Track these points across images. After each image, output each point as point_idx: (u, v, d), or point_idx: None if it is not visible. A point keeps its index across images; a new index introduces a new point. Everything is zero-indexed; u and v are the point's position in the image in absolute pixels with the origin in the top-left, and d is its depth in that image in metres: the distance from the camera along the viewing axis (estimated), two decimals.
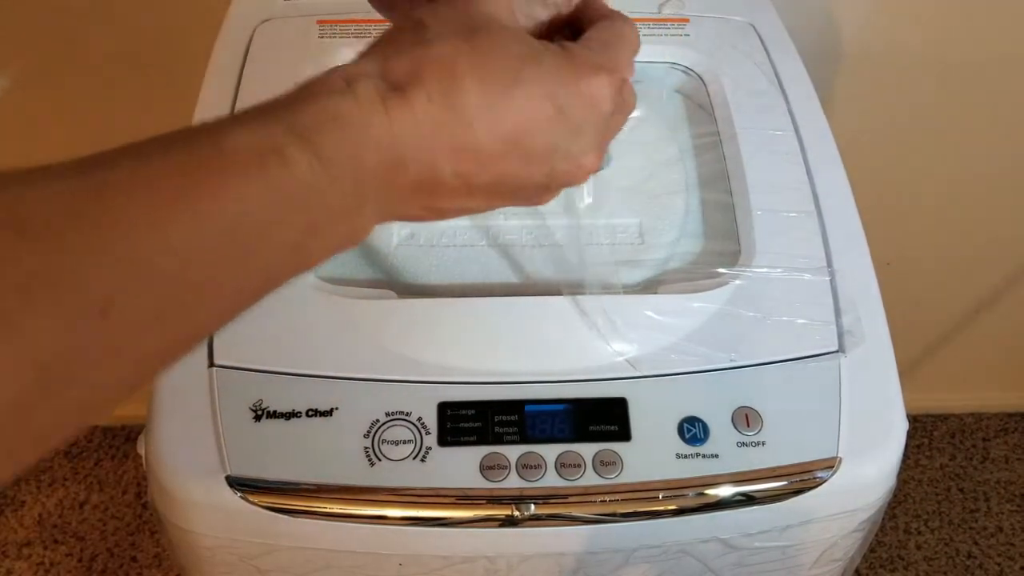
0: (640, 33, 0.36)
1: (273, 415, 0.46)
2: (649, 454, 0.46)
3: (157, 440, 0.46)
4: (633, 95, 0.34)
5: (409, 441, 0.46)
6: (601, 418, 0.47)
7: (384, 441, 0.46)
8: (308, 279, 0.52)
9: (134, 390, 0.25)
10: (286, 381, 0.47)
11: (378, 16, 0.38)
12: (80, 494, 1.25)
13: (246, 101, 0.60)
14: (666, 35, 0.64)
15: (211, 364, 0.48)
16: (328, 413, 0.46)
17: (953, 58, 0.86)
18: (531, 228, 0.54)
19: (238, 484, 0.45)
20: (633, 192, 0.55)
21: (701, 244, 0.55)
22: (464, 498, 0.45)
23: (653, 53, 0.64)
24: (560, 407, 0.47)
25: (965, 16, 0.83)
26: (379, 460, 0.45)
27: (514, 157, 0.31)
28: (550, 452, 0.46)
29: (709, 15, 0.65)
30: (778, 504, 0.47)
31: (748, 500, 0.47)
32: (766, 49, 0.65)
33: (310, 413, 0.46)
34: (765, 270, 0.53)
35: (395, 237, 0.53)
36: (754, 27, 0.66)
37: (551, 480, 0.45)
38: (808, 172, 0.57)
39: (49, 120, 0.91)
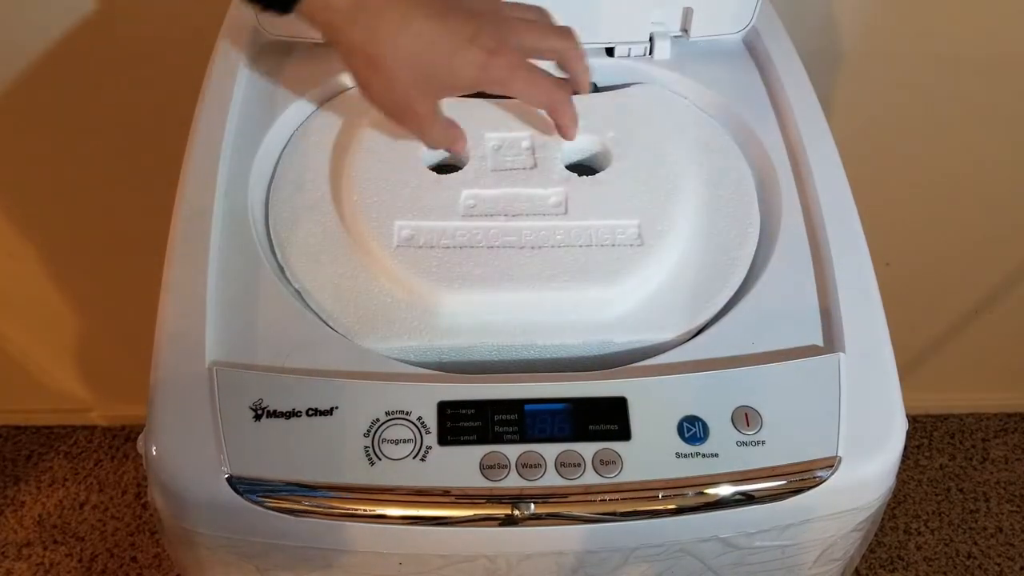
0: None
1: (273, 414, 0.46)
2: (649, 453, 0.46)
3: (157, 440, 0.46)
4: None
5: (409, 440, 0.46)
6: (601, 417, 0.47)
7: (384, 440, 0.46)
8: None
9: None
10: (286, 380, 0.47)
11: None
12: (80, 494, 1.25)
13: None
14: None
15: (211, 363, 0.48)
16: (328, 412, 0.46)
17: (953, 57, 0.86)
18: (532, 230, 0.54)
19: (238, 483, 0.45)
20: (633, 193, 0.55)
21: (701, 245, 0.55)
22: (464, 497, 0.45)
23: None
24: (560, 406, 0.47)
25: (966, 15, 0.83)
26: (379, 459, 0.45)
27: None
28: (550, 451, 0.46)
29: None
30: (777, 503, 0.47)
31: (748, 499, 0.47)
32: (766, 49, 0.65)
33: (310, 412, 0.46)
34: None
35: (395, 239, 0.53)
36: (755, 27, 0.66)
37: (551, 479, 0.45)
38: (808, 172, 0.57)
39: (51, 119, 0.91)
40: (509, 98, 0.58)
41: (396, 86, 0.49)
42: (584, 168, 0.58)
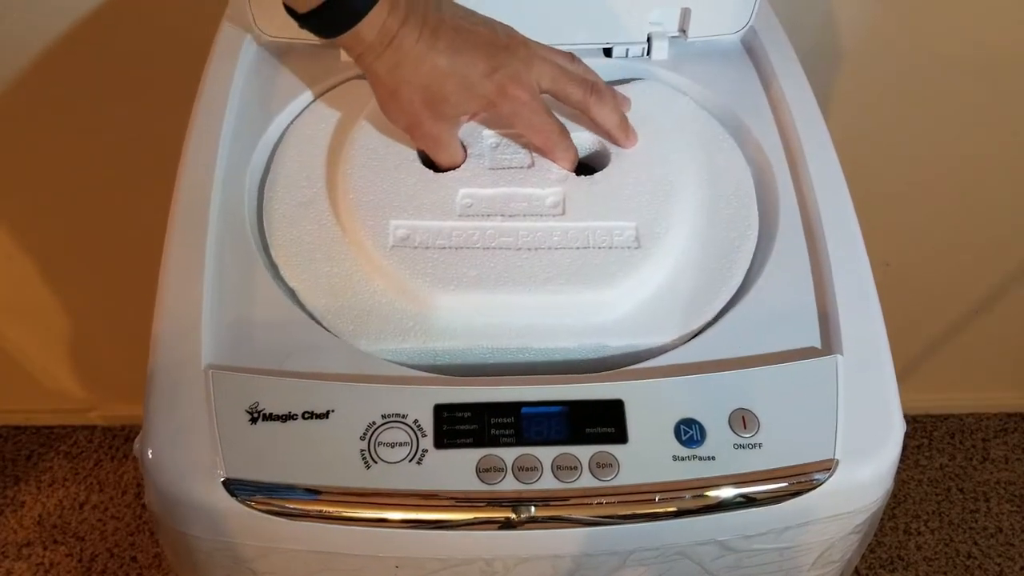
0: None
1: (269, 417, 0.46)
2: (646, 456, 0.46)
3: (153, 442, 0.46)
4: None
5: (405, 443, 0.46)
6: (598, 420, 0.47)
7: (380, 443, 0.46)
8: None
9: None
10: (282, 383, 0.47)
11: None
12: (80, 494, 1.25)
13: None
14: None
15: (207, 366, 0.48)
16: (324, 415, 0.46)
17: (952, 57, 0.86)
18: (528, 231, 0.53)
19: (234, 487, 0.45)
20: (631, 194, 0.55)
21: (699, 247, 0.54)
22: (461, 500, 0.45)
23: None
24: (556, 409, 0.47)
25: (965, 14, 0.83)
26: (375, 462, 0.45)
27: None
28: (547, 454, 0.46)
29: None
30: (775, 506, 0.47)
31: (745, 502, 0.46)
32: (764, 49, 0.64)
33: (306, 415, 0.46)
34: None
35: (390, 239, 0.52)
36: (752, 27, 0.66)
37: (548, 482, 0.45)
38: (806, 173, 0.57)
39: (50, 121, 0.91)
40: None
41: (409, 109, 0.53)
42: (582, 166, 0.58)
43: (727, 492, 0.46)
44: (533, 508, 0.45)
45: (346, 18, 0.49)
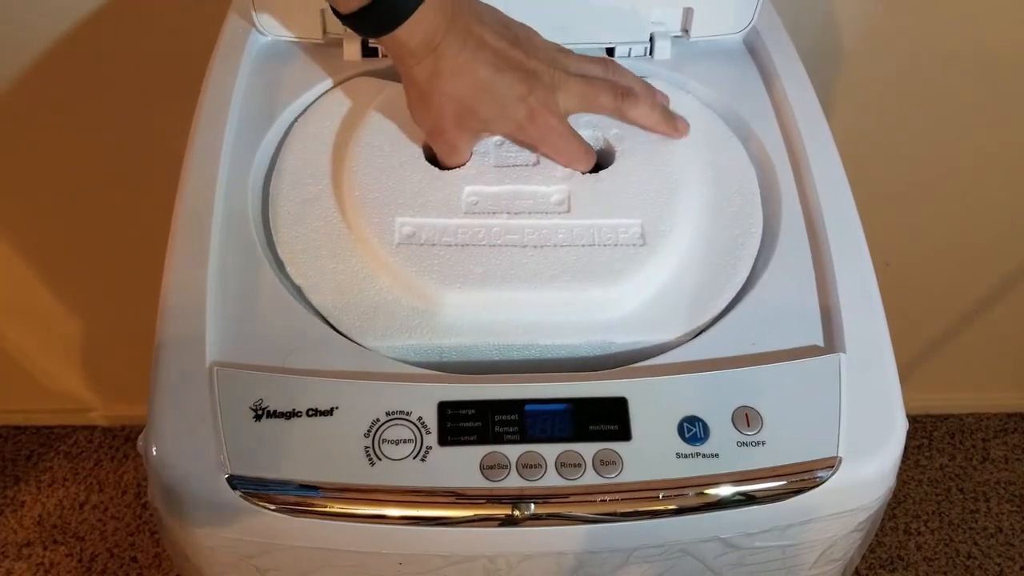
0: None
1: (273, 415, 0.46)
2: (649, 453, 0.46)
3: (157, 440, 0.46)
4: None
5: (409, 440, 0.46)
6: (601, 417, 0.47)
7: (384, 440, 0.46)
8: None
9: None
10: (286, 380, 0.47)
11: None
12: (80, 494, 1.25)
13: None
14: None
15: (211, 363, 0.48)
16: (328, 412, 0.46)
17: (954, 56, 0.86)
18: (534, 228, 0.54)
19: (238, 483, 0.45)
20: (636, 192, 0.55)
21: (704, 244, 0.55)
22: (464, 497, 0.45)
23: None
24: (560, 407, 0.47)
25: (966, 14, 0.83)
26: (379, 459, 0.45)
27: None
28: (550, 452, 0.46)
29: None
30: (778, 504, 0.47)
31: (748, 500, 0.47)
32: (767, 49, 0.65)
33: (310, 412, 0.46)
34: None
35: (396, 236, 0.53)
36: (755, 27, 0.66)
37: (551, 480, 0.45)
38: (808, 172, 0.57)
39: (50, 121, 0.91)
40: None
41: (438, 115, 0.53)
42: None
43: (730, 489, 0.46)
44: (533, 505, 0.45)
45: (388, 21, 0.50)
